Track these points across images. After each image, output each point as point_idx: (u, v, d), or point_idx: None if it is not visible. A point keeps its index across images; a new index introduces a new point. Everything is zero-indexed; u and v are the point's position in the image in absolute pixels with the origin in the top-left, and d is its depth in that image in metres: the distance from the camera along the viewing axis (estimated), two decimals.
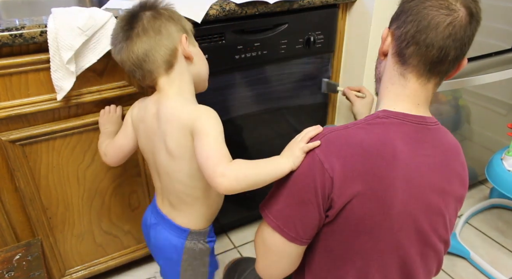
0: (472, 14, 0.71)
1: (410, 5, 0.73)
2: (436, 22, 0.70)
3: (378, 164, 0.70)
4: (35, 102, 1.00)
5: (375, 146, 0.71)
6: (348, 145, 0.71)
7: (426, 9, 0.71)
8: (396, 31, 0.76)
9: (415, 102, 0.76)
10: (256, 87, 1.33)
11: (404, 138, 0.73)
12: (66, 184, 1.14)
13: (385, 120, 0.74)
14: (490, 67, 1.53)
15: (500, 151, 1.50)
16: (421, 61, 0.73)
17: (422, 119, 0.76)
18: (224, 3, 1.13)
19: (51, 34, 0.93)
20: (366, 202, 0.70)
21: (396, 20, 0.76)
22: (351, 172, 0.69)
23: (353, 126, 0.74)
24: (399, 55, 0.76)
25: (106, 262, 1.34)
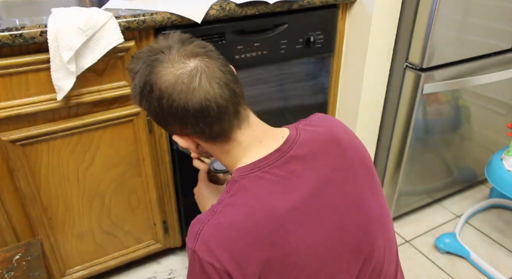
0: (201, 54, 0.69)
1: (164, 106, 0.67)
2: (204, 96, 0.66)
3: (262, 235, 0.65)
4: (35, 102, 1.00)
5: (250, 219, 0.65)
6: (223, 233, 0.65)
7: (183, 96, 0.66)
8: (185, 131, 0.72)
9: (256, 144, 0.72)
10: (256, 87, 1.33)
11: (273, 186, 0.67)
12: (66, 184, 1.15)
13: (244, 180, 0.68)
14: (490, 67, 1.53)
15: (500, 151, 1.50)
16: (230, 120, 0.70)
17: (277, 154, 0.69)
18: (224, 3, 1.13)
19: (51, 34, 0.93)
20: (275, 275, 0.65)
21: (171, 126, 0.72)
22: (241, 257, 0.64)
23: (218, 207, 0.67)
24: (212, 138, 0.71)
25: (106, 262, 1.34)
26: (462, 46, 1.42)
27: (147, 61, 0.70)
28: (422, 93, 1.40)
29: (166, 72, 0.67)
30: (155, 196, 1.31)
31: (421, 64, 1.36)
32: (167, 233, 1.43)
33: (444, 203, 1.85)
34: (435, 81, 1.41)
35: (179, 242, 1.48)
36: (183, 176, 1.35)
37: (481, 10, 1.38)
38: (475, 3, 1.34)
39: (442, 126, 1.59)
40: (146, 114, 1.16)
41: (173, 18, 1.07)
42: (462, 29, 1.38)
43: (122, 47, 1.03)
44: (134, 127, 1.16)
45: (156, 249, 1.43)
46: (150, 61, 0.69)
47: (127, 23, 1.01)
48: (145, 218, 1.34)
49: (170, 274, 1.46)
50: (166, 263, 1.51)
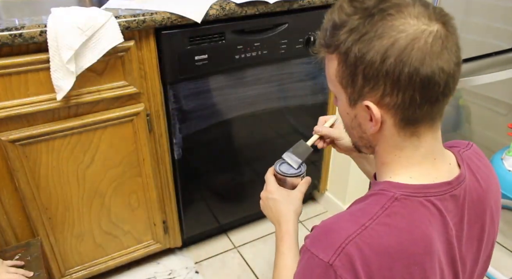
0: (448, 22, 0.59)
1: (390, 66, 0.55)
2: (441, 64, 0.55)
3: (411, 270, 0.57)
4: (35, 102, 1.00)
5: (405, 249, 0.57)
6: (373, 255, 0.56)
7: (419, 59, 0.54)
8: (387, 99, 0.57)
9: (431, 158, 0.63)
10: (256, 87, 1.33)
11: (433, 221, 0.60)
12: (66, 184, 1.14)
13: (405, 202, 0.59)
14: (490, 67, 1.53)
15: (500, 151, 1.50)
16: (440, 109, 0.61)
17: (446, 188, 0.62)
18: (224, 3, 1.13)
19: (51, 34, 0.93)
20: None
21: (374, 88, 0.57)
22: None
23: (371, 223, 0.58)
24: (408, 121, 0.59)
25: (106, 262, 1.34)
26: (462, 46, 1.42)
27: (378, 4, 0.56)
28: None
29: (405, 21, 0.54)
30: (155, 196, 1.31)
31: None
32: (167, 233, 1.42)
33: None
34: None
35: (179, 242, 1.48)
36: (183, 176, 1.34)
37: (481, 10, 1.38)
38: (475, 2, 1.34)
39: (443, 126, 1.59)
40: (146, 114, 1.16)
41: (173, 18, 1.06)
42: (462, 28, 1.38)
43: (122, 47, 1.03)
44: (134, 127, 1.16)
45: (156, 249, 1.43)
46: (384, 5, 0.56)
47: (127, 23, 1.01)
48: (145, 218, 1.34)
49: (170, 274, 1.46)
50: (166, 263, 1.51)
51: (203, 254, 1.55)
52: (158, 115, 1.20)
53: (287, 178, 0.85)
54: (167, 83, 1.17)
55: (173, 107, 1.21)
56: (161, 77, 1.16)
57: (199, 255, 1.55)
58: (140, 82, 1.12)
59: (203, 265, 1.51)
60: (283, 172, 0.85)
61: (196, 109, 1.25)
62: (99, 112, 1.10)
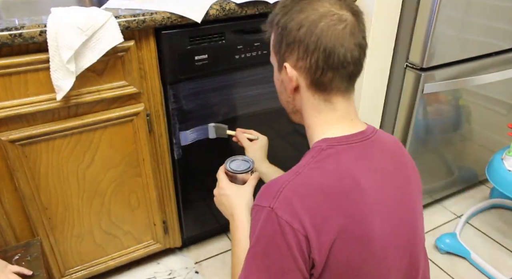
0: (356, 12, 0.70)
1: (302, 33, 0.68)
2: (340, 39, 0.67)
3: (345, 203, 0.66)
4: (35, 102, 1.00)
5: (336, 185, 0.66)
6: (308, 194, 0.65)
7: (324, 31, 0.67)
8: (300, 63, 0.70)
9: (349, 118, 0.74)
10: (256, 87, 1.33)
11: (357, 163, 0.70)
12: (66, 184, 1.14)
13: (331, 150, 0.70)
14: (490, 67, 1.53)
15: (501, 151, 1.50)
16: (343, 81, 0.71)
17: (362, 136, 0.73)
18: (224, 3, 1.12)
19: (51, 34, 0.92)
20: (346, 246, 0.65)
21: (292, 52, 0.71)
22: (322, 222, 0.63)
23: (303, 170, 0.68)
24: (316, 85, 0.71)
25: (106, 262, 1.34)
26: (462, 46, 1.42)
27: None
28: (423, 93, 1.40)
29: (320, 4, 0.69)
30: (155, 196, 1.31)
31: (421, 64, 1.36)
32: (167, 233, 1.42)
33: (444, 203, 1.85)
34: (436, 81, 1.41)
35: (179, 242, 1.48)
36: (183, 176, 1.34)
37: (482, 10, 1.37)
38: (476, 2, 1.34)
39: (443, 126, 1.59)
40: (146, 114, 1.16)
41: (173, 17, 1.06)
42: (463, 28, 1.37)
43: (122, 47, 1.03)
44: (134, 127, 1.16)
45: (156, 249, 1.43)
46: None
47: (127, 23, 1.01)
48: (145, 218, 1.34)
49: (170, 274, 1.46)
50: (166, 263, 1.51)
51: (203, 254, 1.55)
52: (158, 115, 1.20)
53: (237, 175, 0.93)
54: (167, 83, 1.17)
55: (173, 107, 1.21)
56: (161, 77, 1.16)
57: (199, 255, 1.55)
58: (140, 82, 1.12)
59: (203, 265, 1.51)
60: (233, 170, 0.93)
61: (196, 109, 1.25)
62: (99, 112, 1.10)
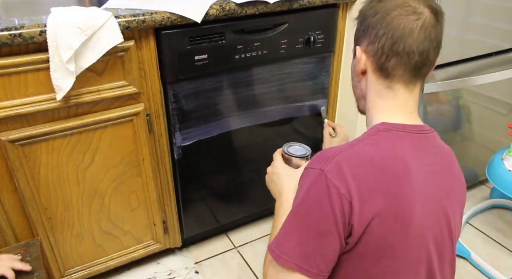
0: (436, 11, 0.72)
1: (375, 19, 0.73)
2: (409, 29, 0.70)
3: (392, 181, 0.68)
4: (35, 102, 1.00)
5: (387, 162, 0.69)
6: (359, 164, 0.68)
7: (395, 19, 0.71)
8: (369, 47, 0.75)
9: (408, 110, 0.76)
10: (256, 87, 1.33)
11: (410, 150, 0.72)
12: (66, 184, 1.14)
13: (387, 133, 0.73)
14: (491, 67, 1.53)
15: (501, 151, 1.50)
16: (406, 70, 0.73)
17: (420, 128, 0.75)
18: (224, 3, 1.12)
19: (51, 34, 0.92)
20: (385, 223, 0.66)
21: (365, 37, 0.76)
22: (367, 193, 0.66)
23: (358, 144, 0.71)
24: (381, 70, 0.75)
25: (106, 263, 1.34)
26: (462, 46, 1.42)
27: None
28: (423, 93, 1.40)
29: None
30: (155, 196, 1.31)
31: None
32: (166, 233, 1.42)
33: None
34: (436, 81, 1.41)
35: (179, 242, 1.48)
36: (183, 176, 1.34)
37: (482, 10, 1.37)
38: (476, 2, 1.34)
39: (443, 126, 1.59)
40: (146, 114, 1.16)
41: (173, 17, 1.06)
42: (463, 28, 1.37)
43: (122, 46, 1.03)
44: (134, 127, 1.16)
45: (156, 249, 1.43)
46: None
47: (127, 23, 1.01)
48: (145, 218, 1.34)
49: (169, 274, 1.46)
50: (166, 263, 1.51)
51: (203, 254, 1.55)
52: (158, 115, 1.20)
53: (293, 159, 0.93)
54: (167, 83, 1.17)
55: (173, 107, 1.21)
56: (161, 77, 1.16)
57: (199, 255, 1.55)
58: (140, 82, 1.12)
59: (203, 265, 1.50)
60: (290, 153, 0.94)
61: (196, 109, 1.25)
62: (99, 112, 1.10)
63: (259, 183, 1.52)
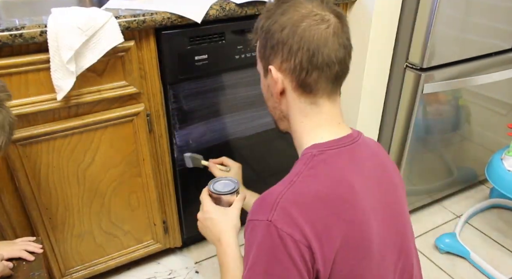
0: (340, 15, 0.70)
1: (285, 34, 0.68)
2: (324, 39, 0.67)
3: (343, 208, 0.65)
4: (35, 102, 1.00)
5: (332, 191, 0.65)
6: (306, 203, 0.63)
7: (307, 31, 0.67)
8: (284, 65, 0.70)
9: (335, 122, 0.74)
10: (256, 87, 1.33)
11: (348, 168, 0.69)
12: (66, 184, 1.14)
13: (323, 156, 0.69)
14: (490, 67, 1.53)
15: (500, 151, 1.50)
16: (328, 82, 0.71)
17: (350, 139, 0.72)
18: (224, 3, 1.13)
19: (51, 34, 0.93)
20: (349, 255, 0.64)
21: (276, 54, 0.71)
22: (324, 231, 0.62)
23: (297, 178, 0.66)
24: (302, 87, 0.71)
25: (106, 262, 1.34)
26: (462, 46, 1.42)
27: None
28: (422, 93, 1.40)
29: (303, 6, 0.69)
30: (155, 196, 1.31)
31: (421, 64, 1.36)
32: (167, 233, 1.43)
33: (444, 203, 1.85)
34: (435, 81, 1.41)
35: (179, 242, 1.48)
36: (183, 176, 1.34)
37: (482, 10, 1.38)
38: (476, 2, 1.34)
39: (442, 126, 1.59)
40: (146, 114, 1.16)
41: (173, 18, 1.07)
42: (463, 28, 1.38)
43: (122, 47, 1.03)
44: (134, 127, 1.16)
45: (156, 249, 1.43)
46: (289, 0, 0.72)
47: (127, 23, 1.01)
48: (145, 218, 1.34)
49: (170, 274, 1.46)
50: (166, 263, 1.51)
51: (203, 254, 1.55)
52: (158, 115, 1.21)
53: (222, 197, 0.88)
54: (167, 83, 1.17)
55: (173, 107, 1.21)
56: (161, 77, 1.16)
57: (199, 255, 1.55)
58: (140, 82, 1.12)
59: (203, 265, 1.51)
60: (217, 191, 0.88)
61: (196, 109, 1.25)
62: (99, 112, 1.10)
63: (259, 183, 1.53)
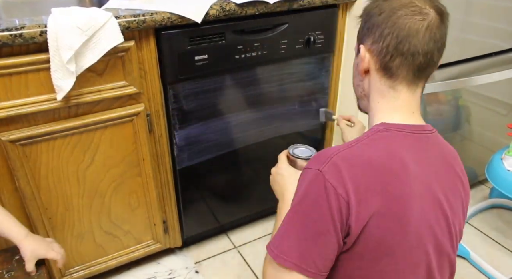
0: (442, 12, 0.72)
1: (381, 18, 0.72)
2: (415, 29, 0.70)
3: (390, 180, 0.68)
4: (35, 102, 1.00)
5: (384, 162, 0.69)
6: (357, 165, 0.68)
7: (401, 19, 0.70)
8: (374, 46, 0.74)
9: (409, 111, 0.76)
10: (256, 87, 1.33)
11: (409, 149, 0.72)
12: (66, 184, 1.14)
13: (387, 133, 0.73)
14: (490, 67, 1.53)
15: (500, 151, 1.50)
16: (410, 70, 0.73)
17: (421, 128, 0.75)
18: (224, 3, 1.13)
19: (51, 34, 0.93)
20: (383, 222, 0.67)
21: (369, 35, 0.75)
22: (365, 193, 0.66)
23: (356, 144, 0.71)
24: (384, 69, 0.75)
25: (106, 262, 1.34)
26: (462, 46, 1.42)
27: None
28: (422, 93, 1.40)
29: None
30: (155, 196, 1.31)
31: None
32: (167, 233, 1.43)
33: None
34: (435, 81, 1.41)
35: (179, 242, 1.48)
36: (183, 176, 1.35)
37: (482, 10, 1.38)
38: (476, 2, 1.34)
39: (443, 126, 1.59)
40: (146, 114, 1.16)
41: (173, 18, 1.07)
42: (463, 28, 1.38)
43: (122, 47, 1.03)
44: (134, 127, 1.16)
45: (156, 249, 1.43)
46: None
47: (127, 23, 1.01)
48: (145, 218, 1.34)
49: (170, 274, 1.46)
50: (166, 263, 1.51)
51: (203, 254, 1.55)
52: (158, 115, 1.21)
53: (298, 160, 0.95)
54: (167, 83, 1.17)
55: (173, 107, 1.21)
56: (161, 77, 1.16)
57: (199, 255, 1.55)
58: (140, 82, 1.12)
59: (203, 265, 1.51)
60: (295, 154, 0.96)
61: (196, 109, 1.25)
62: (99, 112, 1.10)
63: (260, 183, 1.53)
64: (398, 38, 0.70)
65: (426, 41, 0.71)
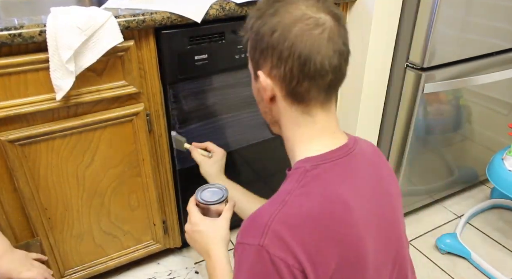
0: (338, 17, 0.64)
1: (274, 39, 0.63)
2: (317, 45, 0.61)
3: (338, 229, 0.61)
4: (34, 102, 1.00)
5: (325, 210, 0.61)
6: (298, 224, 0.59)
7: (299, 37, 0.61)
8: (274, 71, 0.65)
9: (330, 132, 0.69)
10: None
11: (344, 182, 0.66)
12: (66, 184, 1.14)
13: (316, 171, 0.64)
14: (491, 66, 1.53)
15: (501, 151, 1.50)
16: (321, 91, 0.65)
17: (346, 149, 0.68)
18: (224, 3, 1.12)
19: (50, 34, 0.92)
20: (344, 274, 0.62)
21: (265, 59, 0.65)
22: (318, 254, 0.59)
23: (289, 197, 0.62)
24: (293, 96, 0.66)
25: (106, 263, 1.34)
26: (463, 46, 1.42)
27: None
28: (423, 93, 1.40)
29: (295, 7, 0.63)
30: (155, 196, 1.31)
31: (421, 64, 1.36)
32: (166, 233, 1.42)
33: (445, 203, 1.85)
34: (436, 81, 1.41)
35: (178, 242, 1.48)
36: (183, 176, 1.34)
37: (482, 9, 1.37)
38: (476, 2, 1.34)
39: (443, 126, 1.59)
40: (146, 114, 1.16)
41: (173, 17, 1.06)
42: (463, 28, 1.37)
43: (122, 46, 1.03)
44: (134, 127, 1.16)
45: (155, 249, 1.43)
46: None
47: (127, 23, 1.01)
48: (145, 218, 1.34)
49: (169, 275, 1.46)
50: (166, 263, 1.51)
51: None
52: (158, 115, 1.20)
53: (210, 207, 0.84)
54: (167, 83, 1.17)
55: (173, 107, 1.20)
56: (160, 77, 1.16)
57: (199, 256, 1.54)
58: (139, 82, 1.11)
59: (203, 265, 1.50)
60: (205, 201, 0.84)
61: (196, 109, 1.25)
62: (99, 112, 1.10)
63: (259, 183, 1.52)
64: (300, 59, 0.62)
65: (331, 55, 0.63)
